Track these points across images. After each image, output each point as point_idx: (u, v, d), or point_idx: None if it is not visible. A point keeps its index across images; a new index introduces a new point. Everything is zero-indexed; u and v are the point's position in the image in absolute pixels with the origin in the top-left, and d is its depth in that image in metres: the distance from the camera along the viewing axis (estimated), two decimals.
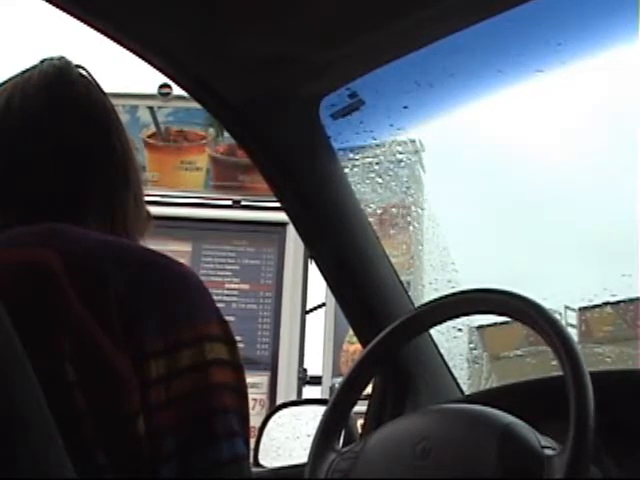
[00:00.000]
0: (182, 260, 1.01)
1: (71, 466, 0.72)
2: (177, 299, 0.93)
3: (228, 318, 0.96)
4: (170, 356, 0.88)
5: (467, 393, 1.66)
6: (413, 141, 2.71)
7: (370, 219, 1.63)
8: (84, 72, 1.08)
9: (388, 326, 1.32)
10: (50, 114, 1.02)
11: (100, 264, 0.91)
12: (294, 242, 3.97)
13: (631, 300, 2.82)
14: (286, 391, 3.94)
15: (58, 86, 1.04)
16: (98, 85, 1.08)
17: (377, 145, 1.85)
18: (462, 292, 1.27)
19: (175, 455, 0.87)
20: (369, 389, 1.53)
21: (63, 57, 1.08)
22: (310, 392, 4.06)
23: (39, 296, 0.88)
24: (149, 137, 4.31)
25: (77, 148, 1.02)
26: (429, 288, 2.83)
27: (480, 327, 3.00)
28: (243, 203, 4.22)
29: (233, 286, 4.13)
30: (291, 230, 3.81)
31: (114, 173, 1.04)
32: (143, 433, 0.86)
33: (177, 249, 3.95)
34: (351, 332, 2.05)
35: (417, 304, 1.60)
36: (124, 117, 3.80)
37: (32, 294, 0.88)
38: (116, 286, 0.89)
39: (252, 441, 1.76)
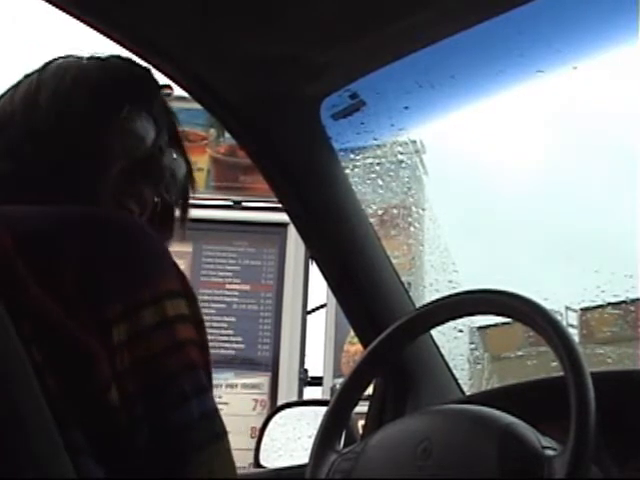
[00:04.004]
0: (183, 261, 1.01)
1: (71, 466, 0.72)
2: (132, 259, 0.91)
3: (229, 319, 0.96)
4: (131, 318, 0.87)
5: (468, 393, 1.66)
6: (414, 142, 2.70)
7: (371, 220, 1.63)
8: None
9: (389, 327, 1.32)
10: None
11: (52, 239, 0.89)
12: (295, 243, 3.97)
13: (632, 301, 2.82)
14: (287, 392, 3.94)
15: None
16: None
17: (378, 146, 1.85)
18: (463, 293, 1.27)
19: (145, 418, 0.85)
20: (370, 390, 1.53)
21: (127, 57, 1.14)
22: (311, 393, 4.06)
23: None
24: None
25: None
26: (430, 289, 2.83)
27: (481, 328, 3.00)
28: (244, 204, 4.22)
29: (234, 287, 4.13)
30: (292, 231, 3.81)
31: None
32: (117, 404, 0.84)
33: (177, 249, 3.93)
34: (352, 333, 2.05)
35: (418, 305, 1.60)
36: None
37: None
38: (70, 259, 0.87)
39: (253, 442, 1.77)
